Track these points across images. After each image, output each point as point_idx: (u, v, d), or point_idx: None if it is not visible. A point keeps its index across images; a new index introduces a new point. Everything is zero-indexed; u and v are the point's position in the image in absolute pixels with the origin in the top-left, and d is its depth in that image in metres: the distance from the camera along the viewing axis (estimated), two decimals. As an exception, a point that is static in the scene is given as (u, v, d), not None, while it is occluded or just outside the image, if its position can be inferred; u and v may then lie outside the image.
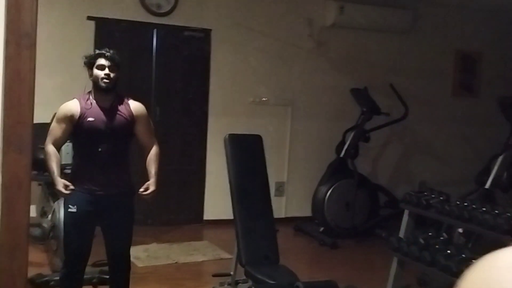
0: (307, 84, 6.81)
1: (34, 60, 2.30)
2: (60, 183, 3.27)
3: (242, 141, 4.02)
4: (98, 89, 3.40)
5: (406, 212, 4.40)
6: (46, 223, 4.73)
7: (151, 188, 3.47)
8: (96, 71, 3.38)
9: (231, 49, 6.44)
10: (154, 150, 3.57)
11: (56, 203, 4.66)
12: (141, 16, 6.07)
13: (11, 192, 2.32)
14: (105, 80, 3.36)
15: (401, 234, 4.36)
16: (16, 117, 2.29)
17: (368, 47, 7.01)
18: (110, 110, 3.40)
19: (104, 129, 3.36)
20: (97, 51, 3.44)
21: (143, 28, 6.16)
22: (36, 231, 4.78)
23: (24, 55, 2.25)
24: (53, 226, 4.57)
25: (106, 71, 3.36)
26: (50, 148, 3.33)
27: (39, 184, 4.94)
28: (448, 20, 7.28)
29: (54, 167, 3.29)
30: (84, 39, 5.77)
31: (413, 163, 7.40)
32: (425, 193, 4.32)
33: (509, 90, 6.85)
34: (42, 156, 3.46)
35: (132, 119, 3.45)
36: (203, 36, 6.36)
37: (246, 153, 3.98)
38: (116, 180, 3.44)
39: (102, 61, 3.38)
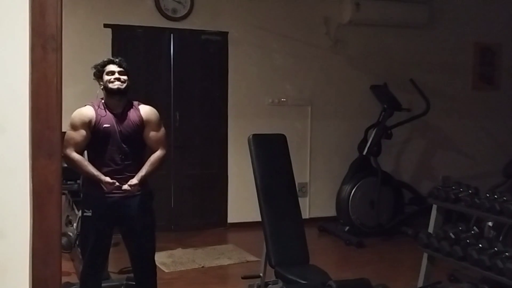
0: (326, 82, 6.76)
1: (61, 63, 2.27)
2: (108, 178, 3.30)
3: (266, 141, 3.97)
4: (110, 94, 3.42)
5: (434, 207, 4.33)
6: (71, 232, 4.73)
7: (132, 182, 3.36)
8: (106, 77, 3.41)
9: (248, 51, 6.42)
10: (156, 154, 3.49)
11: (80, 211, 4.66)
12: (157, 21, 6.07)
13: (42, 197, 2.29)
14: (116, 82, 3.38)
15: (430, 229, 4.29)
16: (44, 122, 2.26)
17: (386, 43, 6.95)
18: (121, 116, 3.42)
19: (117, 135, 3.37)
20: (105, 59, 3.49)
21: (160, 33, 6.15)
22: (62, 240, 4.77)
23: (50, 59, 2.22)
24: (79, 235, 4.56)
25: (116, 75, 3.40)
26: (77, 155, 3.32)
27: (63, 193, 4.94)
28: (466, 13, 7.19)
29: (93, 169, 3.32)
30: (102, 46, 5.78)
31: (436, 159, 7.31)
32: (453, 187, 4.25)
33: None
34: (65, 165, 3.45)
35: (141, 124, 3.45)
36: (220, 39, 6.35)
37: (271, 153, 3.93)
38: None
39: (111, 67, 3.42)
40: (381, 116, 6.44)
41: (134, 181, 3.38)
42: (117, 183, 3.32)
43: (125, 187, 3.36)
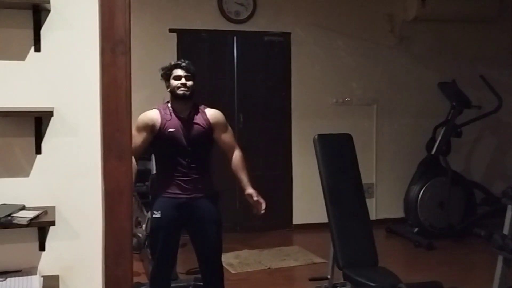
0: (391, 81, 6.63)
1: (130, 66, 2.32)
2: None
3: (332, 141, 3.92)
4: (176, 98, 3.46)
5: (509, 208, 4.14)
6: (140, 233, 4.82)
7: (263, 204, 3.52)
8: (173, 82, 3.46)
9: (311, 51, 6.38)
10: (237, 156, 3.58)
11: (149, 213, 4.74)
12: (221, 24, 6.13)
13: (113, 199, 2.34)
14: (182, 88, 3.42)
15: (505, 231, 4.12)
16: (115, 124, 2.31)
17: (453, 38, 6.74)
18: (188, 120, 3.45)
19: (183, 139, 3.41)
20: (173, 62, 3.53)
21: (223, 36, 6.21)
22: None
23: (119, 62, 2.27)
24: (148, 236, 4.65)
25: (183, 80, 3.44)
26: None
27: (132, 195, 5.04)
28: (538, 4, 6.87)
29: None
30: (167, 51, 5.88)
31: (509, 157, 7.01)
32: (529, 187, 4.05)
33: None
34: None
35: (209, 127, 3.49)
36: (283, 40, 6.34)
37: (337, 153, 3.87)
38: (199, 186, 3.46)
39: (178, 72, 3.46)
40: (450, 114, 6.24)
41: (251, 192, 3.53)
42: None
43: (263, 211, 3.55)
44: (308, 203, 6.16)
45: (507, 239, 3.92)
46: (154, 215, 3.46)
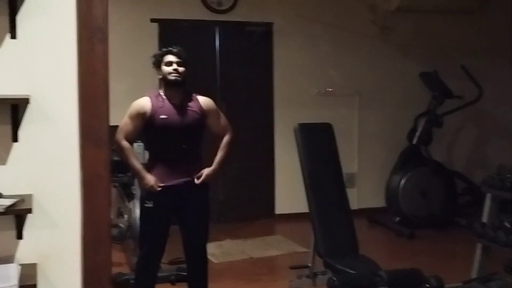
0: (373, 71, 6.65)
1: (107, 54, 2.30)
2: (152, 180, 3.35)
3: (313, 130, 3.94)
4: (168, 85, 3.43)
5: (488, 196, 4.20)
6: (123, 223, 4.81)
7: (204, 174, 3.45)
8: (165, 68, 3.42)
9: (293, 41, 6.37)
10: (225, 138, 3.60)
11: (131, 203, 4.73)
12: (203, 14, 6.10)
13: (92, 186, 2.33)
14: (174, 74, 3.39)
15: (484, 219, 4.17)
16: (93, 112, 2.30)
17: (435, 29, 6.77)
18: (181, 107, 3.43)
19: (177, 126, 3.39)
20: (164, 49, 3.50)
21: (205, 26, 6.19)
22: (113, 231, 4.86)
23: (97, 50, 2.26)
24: (130, 226, 4.64)
25: (174, 66, 3.41)
26: (127, 144, 3.38)
27: (114, 186, 5.02)
28: (518, -5, 6.92)
29: (138, 164, 3.40)
30: (149, 41, 5.85)
31: (490, 147, 7.09)
32: (508, 175, 4.10)
33: None
34: (115, 158, 3.50)
35: (203, 113, 3.48)
36: (265, 30, 6.33)
37: (318, 142, 3.89)
38: (191, 173, 3.45)
39: (169, 58, 3.43)
40: (431, 104, 6.28)
41: (205, 172, 3.45)
42: (160, 183, 3.36)
43: (197, 181, 3.42)
44: (291, 193, 6.18)
45: (487, 227, 3.97)
46: (146, 205, 3.41)
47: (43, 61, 2.31)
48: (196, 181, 3.43)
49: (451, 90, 6.26)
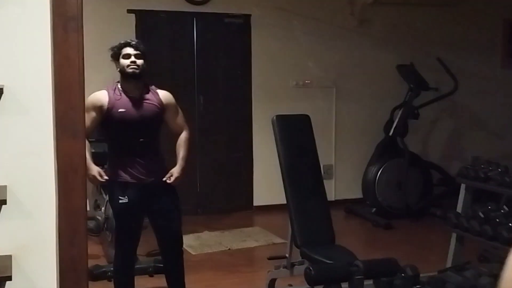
0: (350, 64, 6.69)
1: (82, 43, 2.28)
2: (95, 170, 3.31)
3: (290, 122, 3.93)
4: (126, 78, 3.40)
5: (462, 187, 4.26)
6: (99, 216, 4.78)
7: (175, 175, 3.44)
8: (123, 61, 3.39)
9: (271, 33, 6.37)
10: (183, 135, 3.58)
11: (107, 195, 4.70)
12: (180, 5, 6.06)
13: (67, 178, 2.31)
14: (132, 66, 3.36)
15: (459, 209, 4.23)
16: (68, 102, 2.28)
17: (412, 22, 6.83)
18: (139, 100, 3.41)
19: (135, 119, 3.37)
20: (122, 41, 3.46)
21: (183, 17, 6.15)
22: (90, 224, 4.83)
23: (71, 39, 2.23)
24: (107, 218, 4.61)
25: (132, 58, 3.38)
26: None
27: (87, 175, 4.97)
28: (494, -11, 7.01)
29: (88, 155, 3.28)
30: (126, 32, 5.73)
31: (465, 139, 7.19)
32: (482, 166, 4.17)
33: None
34: (93, 150, 3.47)
35: (162, 107, 3.46)
36: (243, 22, 6.31)
37: (295, 134, 3.89)
38: (155, 166, 3.45)
39: (127, 50, 3.40)
40: (408, 96, 6.34)
41: (175, 174, 3.42)
42: (105, 176, 3.35)
43: (169, 181, 3.40)
44: (269, 184, 6.20)
45: (461, 217, 4.03)
46: (120, 200, 3.39)
47: (16, 50, 2.27)
48: (169, 181, 3.42)
49: (427, 82, 6.33)
